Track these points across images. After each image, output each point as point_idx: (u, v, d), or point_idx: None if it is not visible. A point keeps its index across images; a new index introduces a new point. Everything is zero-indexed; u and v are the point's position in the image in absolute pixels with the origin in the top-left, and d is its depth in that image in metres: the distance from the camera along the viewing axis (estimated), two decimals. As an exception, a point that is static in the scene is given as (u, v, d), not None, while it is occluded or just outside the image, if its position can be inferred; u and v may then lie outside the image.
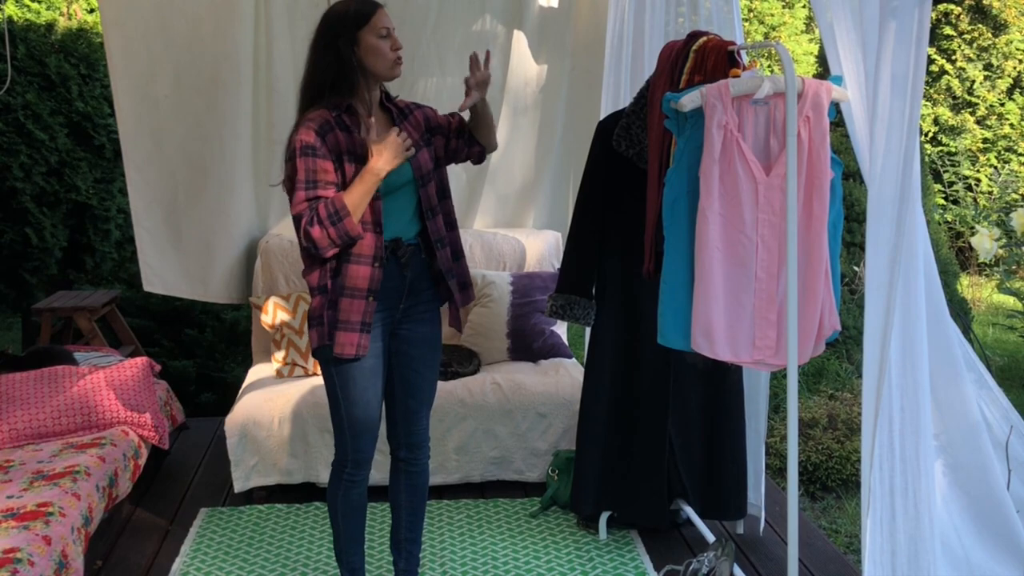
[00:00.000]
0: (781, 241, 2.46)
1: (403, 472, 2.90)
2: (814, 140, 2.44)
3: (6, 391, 3.69)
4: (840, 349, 5.42)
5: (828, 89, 2.46)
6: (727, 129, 2.44)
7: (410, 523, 2.93)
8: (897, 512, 2.11)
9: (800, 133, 2.43)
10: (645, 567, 3.28)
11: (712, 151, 2.44)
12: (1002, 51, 9.33)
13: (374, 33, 2.61)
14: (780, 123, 2.46)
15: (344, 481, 2.78)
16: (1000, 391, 2.66)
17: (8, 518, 2.82)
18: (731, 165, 2.45)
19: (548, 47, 4.64)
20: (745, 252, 2.47)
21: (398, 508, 2.94)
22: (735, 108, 2.45)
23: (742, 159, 2.45)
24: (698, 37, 2.85)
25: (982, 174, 9.21)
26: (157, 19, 4.24)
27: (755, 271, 2.47)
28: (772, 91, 2.42)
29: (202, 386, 5.34)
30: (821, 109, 2.45)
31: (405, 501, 2.92)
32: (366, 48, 2.61)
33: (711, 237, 2.45)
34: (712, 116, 2.44)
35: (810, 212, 2.46)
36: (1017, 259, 4.28)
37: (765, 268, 2.48)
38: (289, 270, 4.44)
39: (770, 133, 2.48)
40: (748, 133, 2.48)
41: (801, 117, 2.43)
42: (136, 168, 4.34)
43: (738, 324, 2.48)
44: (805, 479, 4.15)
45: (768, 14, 9.61)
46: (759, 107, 2.47)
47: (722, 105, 2.43)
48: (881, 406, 2.08)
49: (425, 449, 2.91)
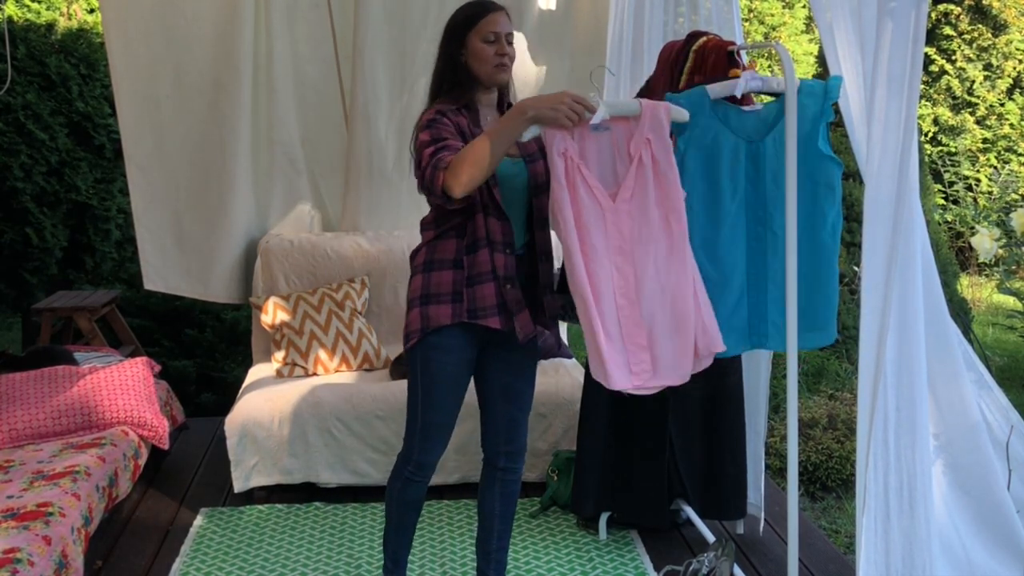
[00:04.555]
0: (635, 266, 2.44)
1: (499, 481, 2.82)
2: (659, 161, 2.43)
3: (6, 391, 3.69)
4: (840, 349, 5.42)
5: (666, 110, 2.45)
6: (567, 157, 2.43)
7: (502, 532, 2.87)
8: (892, 510, 2.11)
9: (642, 156, 2.42)
10: (645, 567, 3.28)
11: (558, 177, 2.43)
12: (1002, 51, 9.33)
13: (480, 36, 2.61)
14: (624, 148, 2.45)
15: (404, 477, 2.74)
16: (1000, 391, 2.66)
17: (8, 518, 2.82)
18: (576, 193, 2.43)
19: (548, 48, 4.64)
20: (602, 281, 2.44)
21: (491, 517, 2.85)
22: (577, 136, 2.44)
23: (585, 187, 2.43)
24: (698, 37, 2.86)
25: (982, 174, 9.22)
26: (157, 19, 4.25)
27: (615, 299, 2.44)
28: (607, 116, 2.41)
29: (202, 386, 5.34)
30: (661, 130, 2.44)
31: (500, 510, 2.84)
32: (471, 51, 2.62)
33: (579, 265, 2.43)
34: (552, 144, 2.43)
35: (670, 232, 2.43)
36: (1017, 259, 4.28)
37: (624, 294, 2.44)
38: (289, 270, 4.44)
39: (615, 159, 2.47)
40: (592, 160, 2.46)
41: (641, 140, 2.43)
42: (137, 167, 4.34)
43: (614, 353, 2.45)
44: (805, 479, 4.15)
45: (768, 14, 9.61)
46: (600, 133, 2.45)
47: (560, 133, 2.42)
48: (877, 405, 2.08)
49: (523, 457, 2.84)
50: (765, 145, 2.59)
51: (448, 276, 2.60)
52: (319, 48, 4.56)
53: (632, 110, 2.44)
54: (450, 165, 2.42)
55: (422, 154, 2.49)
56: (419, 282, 2.64)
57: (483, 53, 2.61)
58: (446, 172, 2.41)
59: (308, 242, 4.50)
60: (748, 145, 2.60)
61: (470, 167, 2.39)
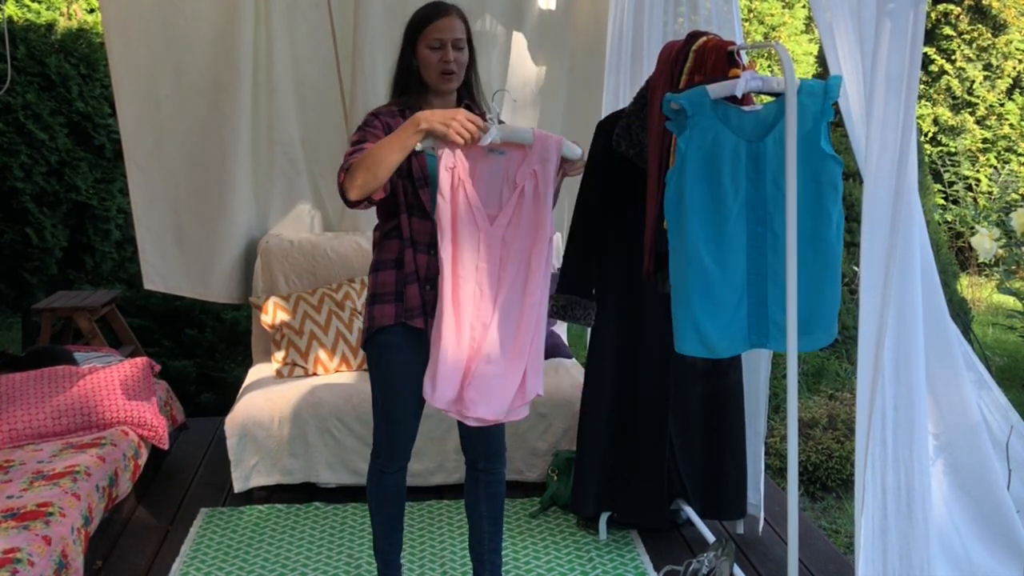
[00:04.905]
0: (497, 292, 2.47)
1: (482, 483, 2.85)
2: (539, 195, 2.46)
3: (6, 391, 3.69)
4: (840, 349, 5.42)
5: (558, 144, 2.47)
6: (453, 173, 2.47)
7: (492, 533, 2.88)
8: (889, 510, 2.11)
9: (524, 187, 2.45)
10: (645, 567, 3.28)
11: (442, 190, 2.47)
12: (1002, 51, 9.33)
13: (425, 43, 2.62)
14: (513, 173, 2.48)
15: (377, 471, 2.80)
16: (1000, 391, 2.66)
17: (8, 518, 2.82)
18: (456, 208, 2.47)
19: (548, 48, 4.64)
20: (464, 298, 2.48)
21: (478, 519, 2.87)
22: (471, 154, 2.47)
23: (467, 204, 2.47)
24: (698, 37, 2.85)
25: (982, 174, 9.22)
26: (157, 19, 4.25)
27: (471, 320, 2.47)
28: (498, 140, 2.43)
29: (202, 386, 5.34)
30: (548, 164, 2.47)
31: (486, 511, 2.86)
32: (420, 56, 2.63)
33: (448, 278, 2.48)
34: (441, 157, 2.47)
35: (528, 268, 2.47)
36: (1017, 259, 4.28)
37: (479, 318, 2.48)
38: (289, 270, 4.44)
39: (503, 183, 2.50)
40: (482, 180, 2.49)
41: (528, 170, 2.46)
42: (137, 167, 4.35)
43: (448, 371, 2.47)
44: (805, 479, 4.15)
45: (768, 14, 9.61)
46: (496, 156, 2.48)
47: (451, 149, 2.45)
48: (875, 404, 2.09)
49: (504, 457, 2.86)
50: (766, 145, 2.59)
51: (391, 276, 2.67)
52: (319, 48, 4.56)
53: (525, 139, 2.47)
54: (349, 168, 2.48)
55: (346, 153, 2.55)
56: (371, 281, 2.72)
57: (428, 60, 2.62)
58: (345, 174, 2.48)
59: (308, 242, 4.50)
60: (749, 145, 2.60)
61: (363, 172, 2.44)
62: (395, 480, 2.81)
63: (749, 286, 2.64)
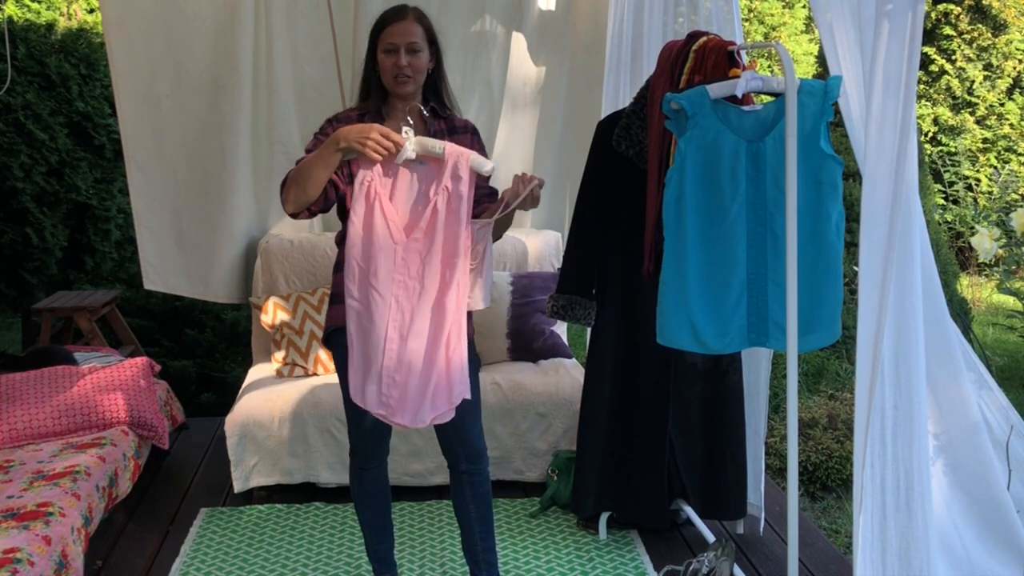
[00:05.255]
0: (413, 303, 2.51)
1: (467, 484, 2.84)
2: (452, 211, 2.49)
3: (6, 391, 3.69)
4: (840, 349, 5.42)
5: (467, 159, 2.49)
6: (370, 186, 2.50)
7: (483, 533, 2.88)
8: (888, 510, 2.11)
9: (437, 203, 2.48)
10: (645, 567, 3.28)
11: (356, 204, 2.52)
12: (1002, 51, 9.33)
13: (381, 47, 2.64)
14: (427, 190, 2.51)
15: (357, 468, 2.84)
16: (1000, 391, 2.66)
17: (8, 518, 2.82)
18: (372, 220, 2.51)
19: (548, 48, 4.64)
20: (378, 311, 2.51)
21: (468, 521, 2.87)
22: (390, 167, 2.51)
23: (382, 217, 2.51)
24: (698, 37, 2.85)
25: (982, 174, 9.22)
26: (157, 19, 4.25)
27: (386, 331, 2.51)
28: (413, 155, 2.48)
29: (202, 386, 5.34)
30: (459, 181, 2.49)
31: (475, 512, 2.86)
32: (378, 61, 2.66)
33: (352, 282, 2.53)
34: (357, 171, 2.52)
35: (444, 281, 2.50)
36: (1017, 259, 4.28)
37: (397, 328, 2.51)
38: (289, 270, 4.44)
39: (420, 195, 2.53)
40: (401, 191, 2.53)
41: (440, 186, 2.49)
42: (137, 167, 4.35)
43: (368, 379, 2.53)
44: (805, 479, 4.15)
45: (768, 14, 9.61)
46: (415, 167, 2.52)
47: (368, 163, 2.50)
48: (874, 404, 2.08)
49: (486, 457, 2.86)
50: (765, 145, 2.59)
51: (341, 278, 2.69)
52: (319, 48, 4.56)
53: (437, 152, 2.50)
54: (285, 181, 2.55)
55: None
56: (333, 281, 2.75)
57: (384, 64, 2.64)
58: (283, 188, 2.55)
59: (308, 242, 4.50)
60: (748, 145, 2.60)
61: (295, 187, 2.52)
62: (375, 476, 2.83)
63: (749, 285, 2.65)
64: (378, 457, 2.83)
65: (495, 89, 4.64)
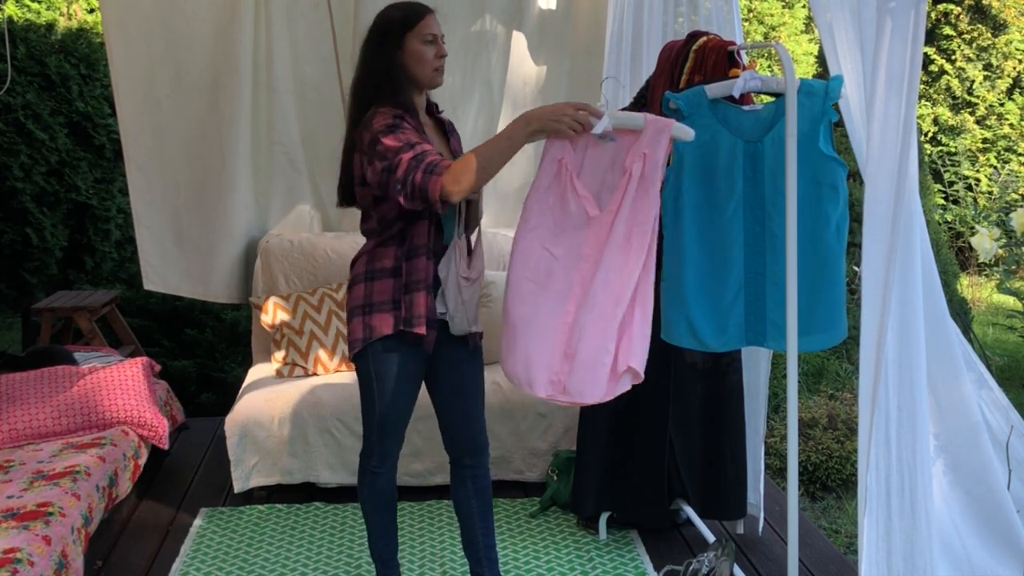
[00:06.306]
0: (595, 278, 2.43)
1: (469, 479, 2.84)
2: (645, 178, 2.42)
3: (6, 391, 3.69)
4: (840, 349, 5.42)
5: (669, 126, 2.42)
6: (562, 164, 2.45)
7: (484, 529, 2.88)
8: (893, 511, 2.11)
9: (632, 170, 2.41)
10: (645, 567, 3.28)
11: (540, 181, 2.46)
12: (1002, 51, 9.33)
13: (419, 38, 2.59)
14: (622, 160, 2.43)
15: (370, 472, 2.80)
16: (1000, 391, 2.66)
17: (8, 518, 2.82)
18: (563, 198, 2.45)
19: (548, 48, 4.64)
20: (562, 287, 2.45)
21: (470, 516, 2.87)
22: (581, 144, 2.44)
23: (574, 195, 2.45)
24: (698, 37, 2.86)
25: (982, 174, 9.22)
26: (157, 19, 4.25)
27: (568, 306, 2.45)
28: (611, 128, 2.40)
29: (202, 386, 5.34)
30: (658, 147, 2.42)
31: (476, 508, 2.86)
32: (410, 52, 2.59)
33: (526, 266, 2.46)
34: (549, 149, 2.45)
35: (628, 249, 2.42)
36: (1017, 259, 4.29)
37: (578, 304, 2.45)
38: (289, 270, 4.44)
39: (609, 169, 2.46)
40: (588, 168, 2.46)
41: (637, 153, 2.42)
42: (137, 167, 4.35)
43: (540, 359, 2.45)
44: (805, 479, 4.15)
45: (768, 14, 9.61)
46: (605, 143, 2.45)
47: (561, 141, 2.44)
48: (877, 405, 2.08)
49: (488, 452, 2.86)
50: (764, 145, 2.59)
51: (388, 284, 2.63)
52: (319, 48, 4.56)
53: (636, 124, 2.42)
54: (450, 171, 2.41)
55: (397, 159, 2.45)
56: (361, 291, 2.66)
57: (424, 55, 2.59)
58: (445, 177, 2.40)
59: (308, 242, 4.50)
60: (746, 145, 2.60)
61: (472, 175, 2.40)
62: (387, 480, 2.82)
63: (746, 284, 2.65)
64: (394, 459, 2.80)
65: (495, 89, 4.64)
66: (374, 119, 2.52)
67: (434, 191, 2.41)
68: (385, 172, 2.47)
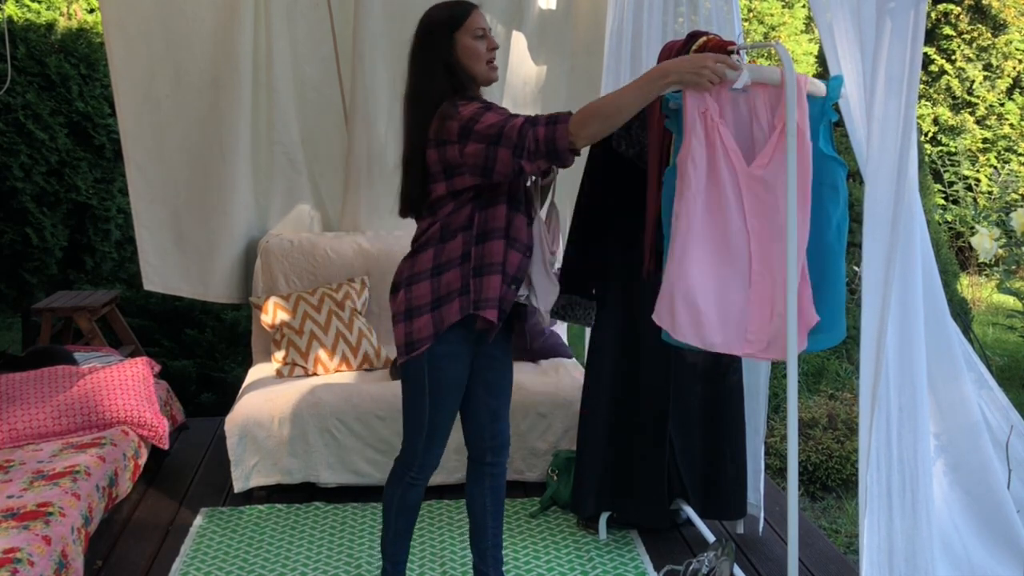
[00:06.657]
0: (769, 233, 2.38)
1: (487, 476, 2.83)
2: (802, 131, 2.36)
3: (6, 391, 3.69)
4: (840, 349, 5.42)
5: (805, 81, 2.38)
6: (707, 116, 2.37)
7: (494, 528, 2.87)
8: (894, 512, 2.11)
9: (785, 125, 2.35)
10: (645, 567, 3.28)
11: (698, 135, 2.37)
12: (1002, 51, 9.34)
13: (470, 34, 2.56)
14: (765, 114, 2.39)
15: (406, 482, 2.74)
16: (1000, 391, 2.66)
17: (8, 518, 2.82)
18: (714, 152, 2.38)
19: (548, 48, 4.64)
20: (736, 242, 2.40)
21: (482, 514, 2.85)
22: (715, 96, 2.38)
23: (723, 148, 2.38)
24: (698, 37, 2.85)
25: (982, 174, 9.22)
26: (157, 19, 4.25)
27: (749, 263, 2.39)
28: (749, 81, 2.34)
29: (202, 386, 5.34)
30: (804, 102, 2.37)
31: (491, 506, 2.85)
32: (463, 50, 2.56)
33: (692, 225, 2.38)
34: (691, 103, 2.38)
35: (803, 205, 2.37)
36: (1017, 259, 4.29)
37: (761, 260, 2.40)
38: (289, 270, 4.44)
39: (752, 123, 2.41)
40: (728, 121, 2.41)
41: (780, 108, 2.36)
42: (137, 168, 4.35)
43: (728, 315, 2.40)
44: (805, 479, 4.15)
45: (768, 14, 9.62)
46: (739, 95, 2.39)
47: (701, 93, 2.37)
48: (878, 405, 2.08)
49: (508, 451, 2.85)
50: (765, 145, 2.59)
51: (456, 273, 2.56)
52: (319, 48, 4.57)
53: (773, 78, 2.37)
54: (577, 115, 2.37)
55: (509, 125, 2.40)
56: (427, 288, 2.56)
57: (477, 51, 2.56)
58: (571, 122, 2.37)
59: (308, 242, 4.50)
60: (749, 145, 2.60)
61: (601, 120, 2.36)
62: (419, 491, 2.78)
63: (748, 285, 2.64)
64: (434, 469, 2.76)
65: (495, 89, 4.64)
66: (459, 109, 2.47)
67: (562, 138, 2.38)
68: (492, 145, 2.42)
